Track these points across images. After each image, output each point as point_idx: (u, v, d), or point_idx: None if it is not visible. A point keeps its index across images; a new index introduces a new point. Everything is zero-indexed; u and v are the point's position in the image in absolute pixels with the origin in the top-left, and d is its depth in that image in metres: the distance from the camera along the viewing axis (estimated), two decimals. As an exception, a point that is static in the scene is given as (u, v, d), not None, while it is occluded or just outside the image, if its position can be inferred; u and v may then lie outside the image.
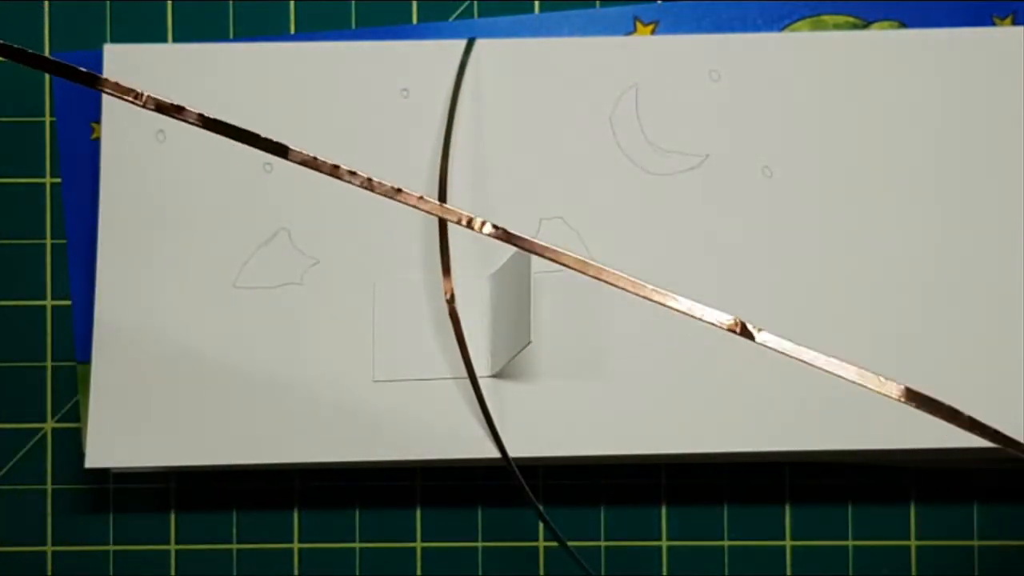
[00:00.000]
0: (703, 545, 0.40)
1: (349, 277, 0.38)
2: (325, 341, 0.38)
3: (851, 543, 0.40)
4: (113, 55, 0.39)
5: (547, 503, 0.40)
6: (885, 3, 0.40)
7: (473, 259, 0.38)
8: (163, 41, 0.41)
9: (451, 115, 0.39)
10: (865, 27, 0.40)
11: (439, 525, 0.40)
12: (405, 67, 0.39)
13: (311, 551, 0.40)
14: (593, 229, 0.39)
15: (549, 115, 0.39)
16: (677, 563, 0.40)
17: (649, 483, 0.40)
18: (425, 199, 0.29)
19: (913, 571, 0.40)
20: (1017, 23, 0.40)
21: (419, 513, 0.40)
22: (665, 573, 0.40)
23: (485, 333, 0.38)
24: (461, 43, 0.39)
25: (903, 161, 0.39)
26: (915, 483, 0.40)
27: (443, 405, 0.37)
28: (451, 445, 0.37)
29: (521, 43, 0.39)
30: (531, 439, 0.37)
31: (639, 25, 0.40)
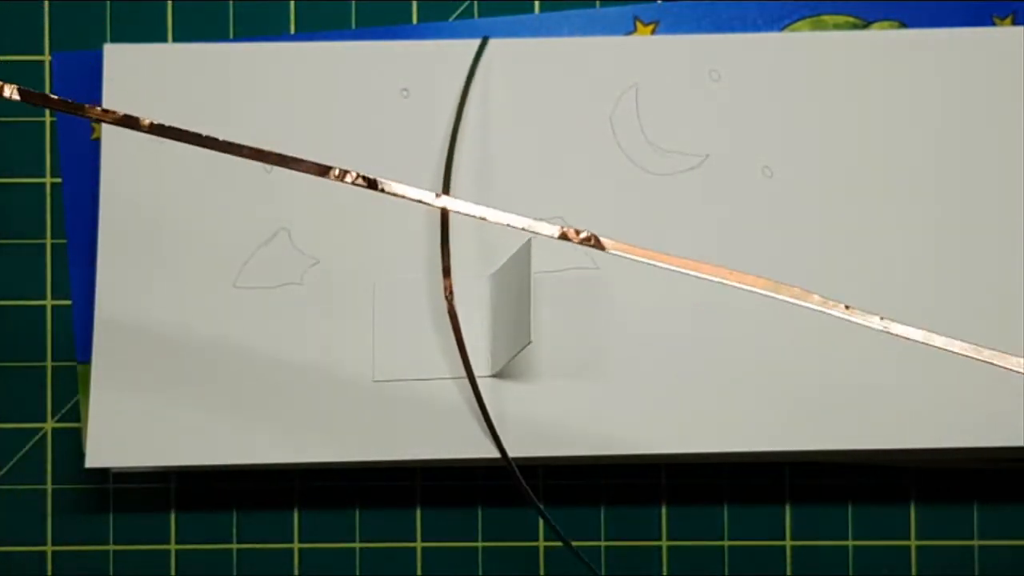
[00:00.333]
0: (703, 545, 0.40)
1: (349, 277, 0.38)
2: (325, 341, 0.38)
3: (851, 543, 0.40)
4: (113, 55, 0.39)
5: (547, 503, 0.40)
6: (885, 3, 0.40)
7: (473, 259, 0.38)
8: (163, 41, 0.41)
9: (459, 115, 0.39)
10: (865, 27, 0.40)
11: (439, 525, 0.40)
12: (405, 67, 0.39)
13: (311, 551, 0.40)
14: (593, 229, 0.38)
15: (549, 115, 0.39)
16: (677, 563, 0.40)
17: (649, 483, 0.40)
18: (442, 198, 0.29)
19: (913, 571, 0.40)
20: (1017, 23, 0.40)
21: (419, 513, 0.40)
22: (665, 573, 0.40)
23: (485, 333, 0.38)
24: (461, 43, 0.39)
25: (903, 161, 0.39)
26: (915, 483, 0.40)
27: (443, 405, 0.37)
28: (451, 445, 0.37)
29: (521, 43, 0.39)
30: (531, 439, 0.37)
31: (639, 25, 0.40)
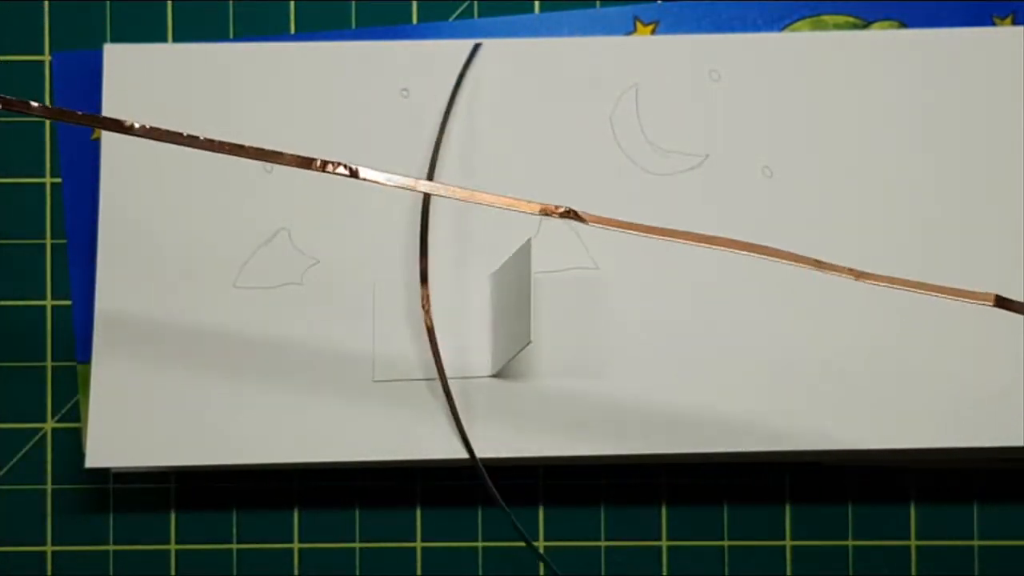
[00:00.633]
0: (703, 545, 0.40)
1: (349, 277, 0.38)
2: (325, 341, 0.38)
3: (851, 543, 0.40)
4: (113, 55, 0.39)
5: (547, 503, 0.40)
6: (885, 3, 0.40)
7: (472, 259, 0.38)
8: (163, 41, 0.41)
9: (446, 117, 0.39)
10: (865, 27, 0.40)
11: (439, 525, 0.40)
12: (405, 67, 0.39)
13: (311, 551, 0.40)
14: (593, 229, 0.38)
15: (549, 115, 0.39)
16: (677, 563, 0.40)
17: (649, 483, 0.40)
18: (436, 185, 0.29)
19: (913, 571, 0.40)
20: (1017, 23, 0.40)
21: (419, 513, 0.40)
22: (665, 573, 0.40)
23: (485, 333, 0.38)
24: (461, 43, 0.39)
25: (903, 161, 0.38)
26: (915, 483, 0.40)
27: (443, 405, 0.37)
28: (451, 445, 0.37)
29: (521, 43, 0.39)
30: (531, 439, 0.37)
31: (639, 25, 0.40)
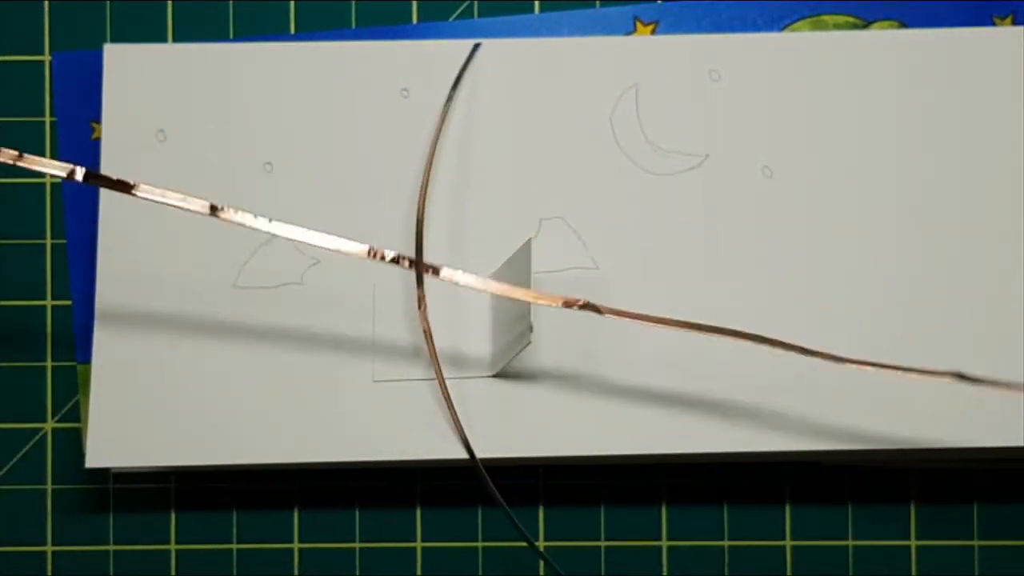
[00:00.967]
0: (703, 545, 0.40)
1: (349, 277, 0.38)
2: (325, 341, 0.38)
3: (851, 543, 0.40)
4: (113, 55, 0.39)
5: (547, 503, 0.40)
6: (885, 3, 0.40)
7: (472, 259, 0.38)
8: (163, 41, 0.41)
9: (443, 118, 0.39)
10: (865, 27, 0.40)
11: (439, 525, 0.40)
12: (405, 67, 0.39)
13: (311, 551, 0.40)
14: (593, 229, 0.38)
15: (549, 115, 0.39)
16: (677, 563, 0.40)
17: (649, 483, 0.40)
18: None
19: (913, 571, 0.40)
20: (1017, 23, 0.40)
21: (419, 513, 0.40)
22: (665, 573, 0.40)
23: (485, 333, 0.38)
24: (461, 43, 0.39)
25: (903, 161, 0.38)
26: (915, 483, 0.40)
27: (443, 405, 0.37)
28: (451, 445, 0.37)
29: (521, 43, 0.39)
30: (531, 439, 0.37)
31: (639, 25, 0.40)
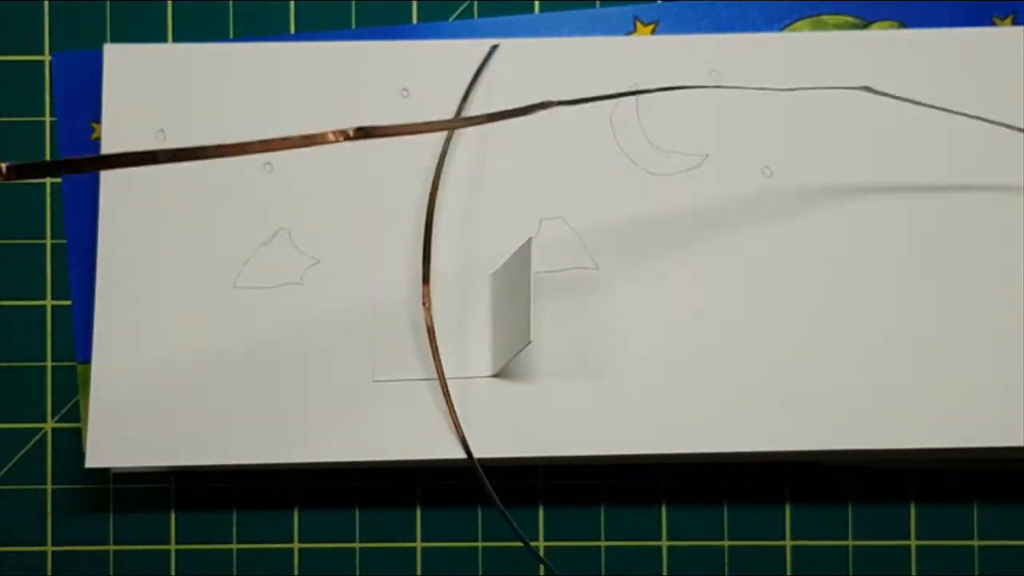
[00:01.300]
0: (703, 545, 0.40)
1: (349, 277, 0.38)
2: (325, 341, 0.38)
3: (851, 543, 0.40)
4: (113, 55, 0.39)
5: (547, 503, 0.40)
6: (885, 3, 0.40)
7: (472, 259, 0.38)
8: (163, 41, 0.41)
9: (458, 116, 0.39)
10: (865, 27, 0.40)
11: (439, 525, 0.40)
12: (405, 67, 0.39)
13: (311, 551, 0.40)
14: (593, 229, 0.38)
15: (549, 115, 0.39)
16: (677, 563, 0.40)
17: (649, 483, 0.40)
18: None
19: (913, 571, 0.40)
20: (1017, 23, 0.40)
21: (419, 513, 0.40)
22: (665, 573, 0.40)
23: (485, 333, 0.38)
24: (461, 43, 0.39)
25: (902, 160, 0.38)
26: (915, 483, 0.40)
27: (442, 405, 0.37)
28: (450, 445, 0.37)
29: (522, 43, 0.39)
30: (531, 439, 0.37)
31: (639, 25, 0.40)
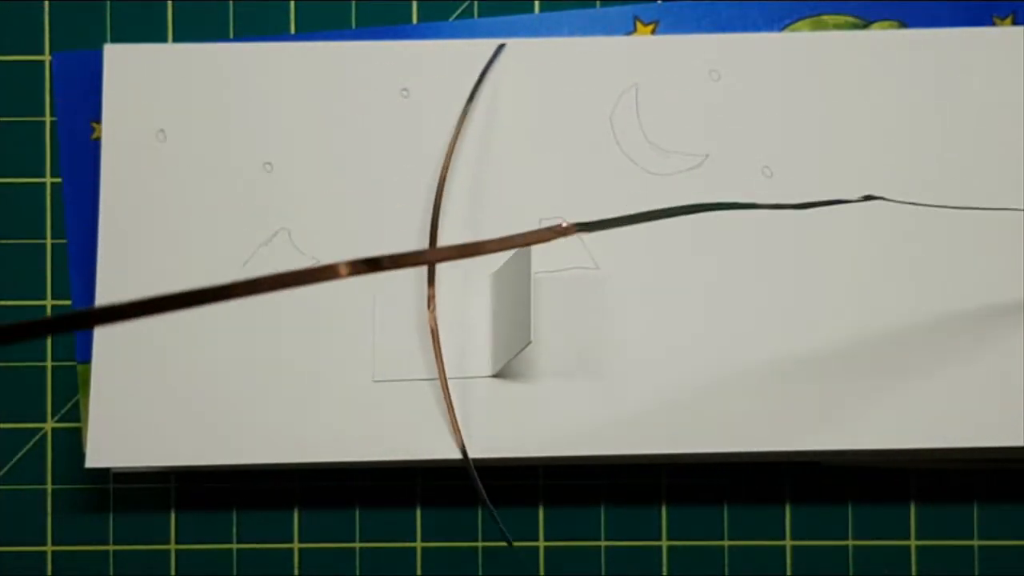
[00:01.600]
0: (703, 545, 0.40)
1: (349, 277, 0.38)
2: (325, 341, 0.38)
3: (851, 543, 0.40)
4: (113, 55, 0.39)
5: (547, 503, 0.40)
6: (885, 3, 0.40)
7: (473, 259, 0.38)
8: (163, 41, 0.41)
9: (463, 116, 0.39)
10: (865, 27, 0.40)
11: (439, 525, 0.40)
12: (405, 67, 0.39)
13: (311, 551, 0.40)
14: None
15: (549, 115, 0.39)
16: (677, 563, 0.40)
17: (649, 483, 0.40)
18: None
19: (913, 571, 0.40)
20: (1017, 23, 0.40)
21: (419, 513, 0.40)
22: (665, 573, 0.40)
23: (485, 333, 0.38)
24: (461, 43, 0.39)
25: (903, 161, 0.38)
26: (915, 483, 0.40)
27: (443, 405, 0.37)
28: (451, 446, 0.37)
29: (521, 43, 0.39)
30: (531, 439, 0.37)
31: (639, 25, 0.40)
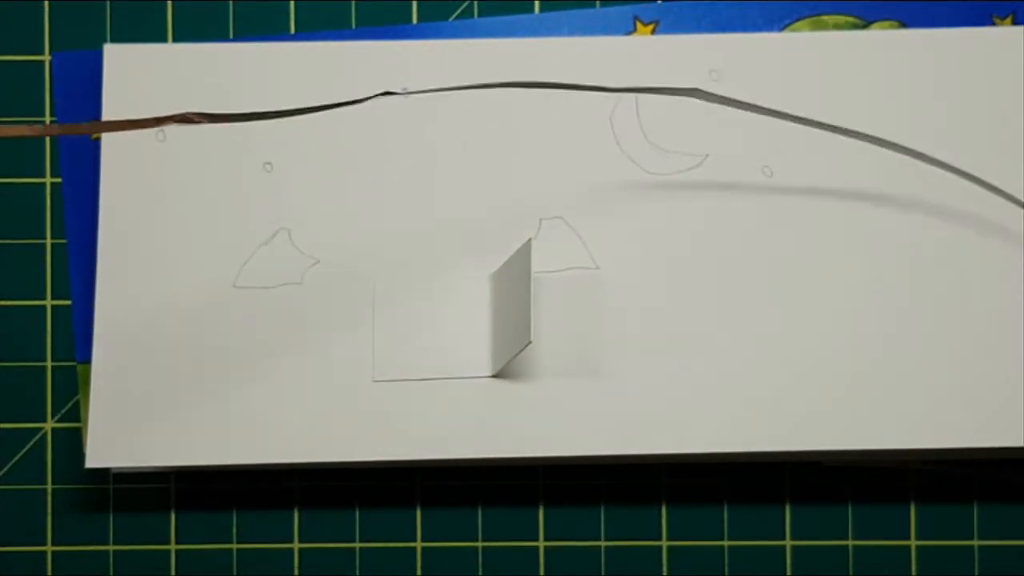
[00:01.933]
0: (703, 545, 0.40)
1: (349, 277, 0.38)
2: (325, 341, 0.38)
3: (851, 543, 0.40)
4: (113, 55, 0.39)
5: (547, 503, 0.40)
6: (885, 3, 0.40)
7: (473, 259, 0.38)
8: (163, 41, 0.41)
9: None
10: (865, 27, 0.40)
11: (439, 525, 0.40)
12: (405, 67, 0.39)
13: (311, 551, 0.40)
14: (593, 229, 0.38)
15: (549, 115, 0.39)
16: (677, 563, 0.40)
17: (649, 483, 0.40)
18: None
19: (913, 571, 0.40)
20: (1017, 23, 0.40)
21: (419, 513, 0.40)
22: (665, 573, 0.40)
23: (485, 333, 0.38)
24: (461, 43, 0.39)
25: (902, 161, 0.38)
26: (915, 483, 0.40)
27: (443, 405, 0.37)
28: (451, 445, 0.37)
29: (521, 43, 0.39)
30: (531, 439, 0.37)
31: (639, 25, 0.40)
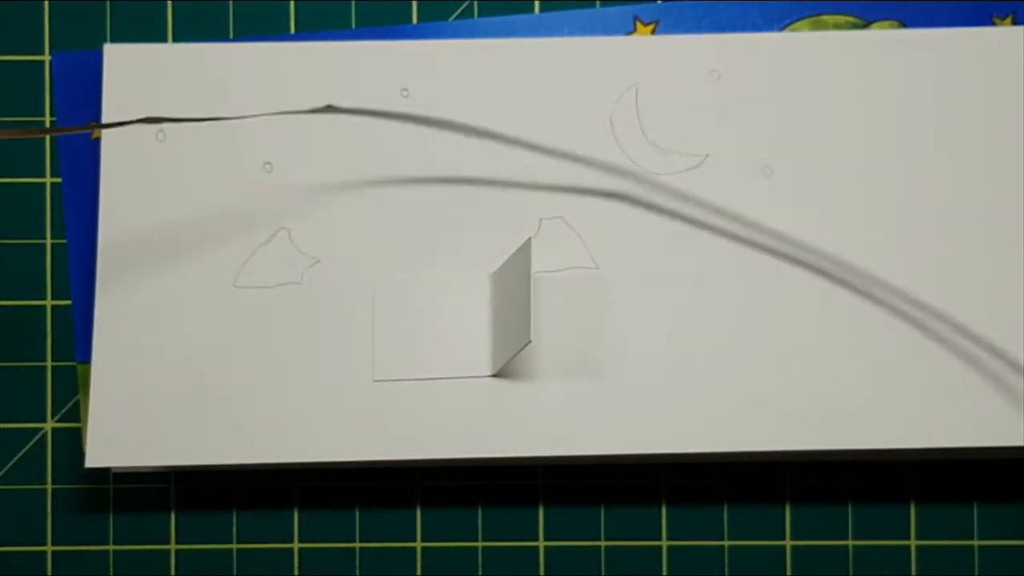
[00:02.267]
0: (703, 545, 0.40)
1: (349, 277, 0.38)
2: (325, 341, 0.38)
3: (851, 543, 0.40)
4: (113, 55, 0.39)
5: (547, 503, 0.40)
6: (885, 3, 0.40)
7: (473, 259, 0.38)
8: (163, 41, 0.41)
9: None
10: (865, 27, 0.40)
11: (439, 525, 0.40)
12: (405, 67, 0.39)
13: (311, 551, 0.40)
14: (593, 229, 0.39)
15: (549, 115, 0.39)
16: (677, 563, 0.40)
17: (649, 483, 0.40)
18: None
19: (913, 571, 0.40)
20: (1017, 23, 0.40)
21: (419, 513, 0.40)
22: (665, 573, 0.40)
23: (485, 333, 0.38)
24: (461, 43, 0.39)
25: (903, 161, 0.38)
26: (915, 483, 0.40)
27: (443, 405, 0.37)
28: (451, 445, 0.37)
29: (521, 43, 0.39)
30: (531, 439, 0.37)
31: (639, 25, 0.40)
